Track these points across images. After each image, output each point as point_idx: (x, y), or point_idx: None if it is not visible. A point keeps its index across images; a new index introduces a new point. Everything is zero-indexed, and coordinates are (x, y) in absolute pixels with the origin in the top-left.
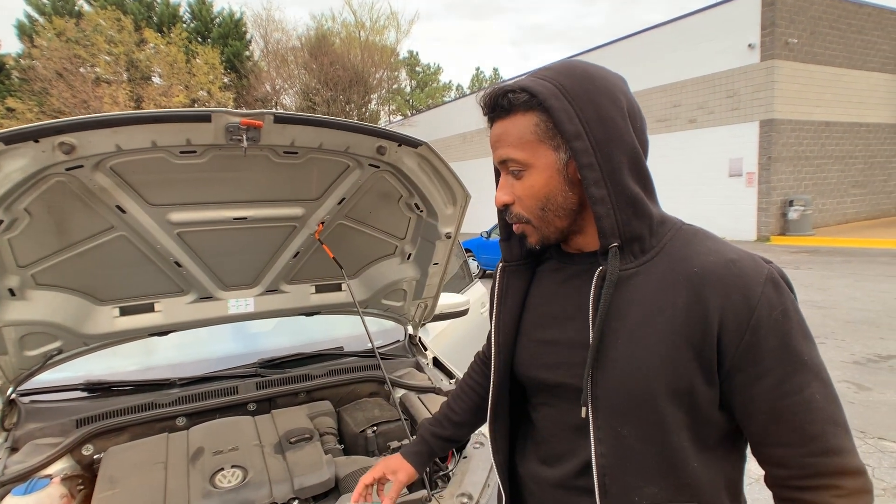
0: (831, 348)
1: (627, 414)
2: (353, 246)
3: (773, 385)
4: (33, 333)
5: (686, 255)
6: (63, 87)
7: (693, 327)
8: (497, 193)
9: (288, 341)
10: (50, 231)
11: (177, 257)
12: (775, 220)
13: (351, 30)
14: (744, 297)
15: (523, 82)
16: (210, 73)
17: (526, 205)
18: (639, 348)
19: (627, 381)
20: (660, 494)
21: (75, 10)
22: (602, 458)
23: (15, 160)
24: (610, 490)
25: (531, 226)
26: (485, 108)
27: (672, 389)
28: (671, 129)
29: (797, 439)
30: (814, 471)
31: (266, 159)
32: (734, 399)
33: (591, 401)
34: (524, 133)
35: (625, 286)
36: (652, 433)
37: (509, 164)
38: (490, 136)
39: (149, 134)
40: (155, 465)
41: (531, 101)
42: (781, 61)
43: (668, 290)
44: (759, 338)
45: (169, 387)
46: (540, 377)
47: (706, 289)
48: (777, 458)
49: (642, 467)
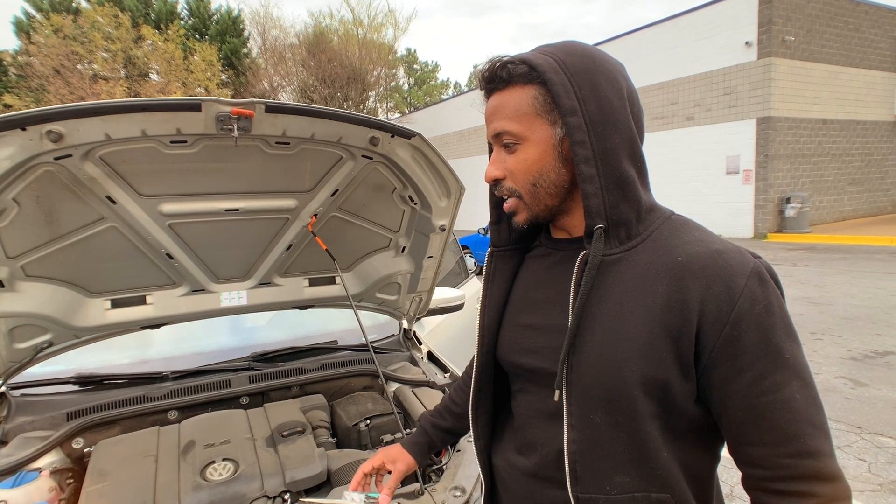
0: (828, 344)
1: (600, 400)
2: (347, 239)
3: (752, 381)
4: (23, 326)
5: (672, 244)
6: (60, 84)
7: (672, 316)
8: (488, 168)
9: (281, 335)
10: (39, 222)
11: (168, 249)
12: (772, 217)
13: (349, 27)
14: (726, 289)
15: (524, 55)
16: (208, 69)
17: (518, 179)
18: (615, 335)
19: (602, 367)
20: (630, 484)
21: (73, 7)
22: (573, 444)
23: (2, 149)
24: (581, 477)
25: (522, 202)
26: (482, 80)
27: (646, 379)
28: (668, 126)
29: (774, 439)
30: (790, 473)
31: (258, 150)
32: (712, 394)
33: (565, 386)
34: (521, 105)
35: (608, 272)
36: (623, 421)
37: (504, 137)
38: (486, 109)
39: (138, 123)
40: (145, 458)
41: (531, 73)
42: (778, 59)
43: (651, 278)
44: (739, 331)
45: (161, 380)
46: (519, 361)
47: (688, 278)
48: (754, 458)
49: (613, 455)
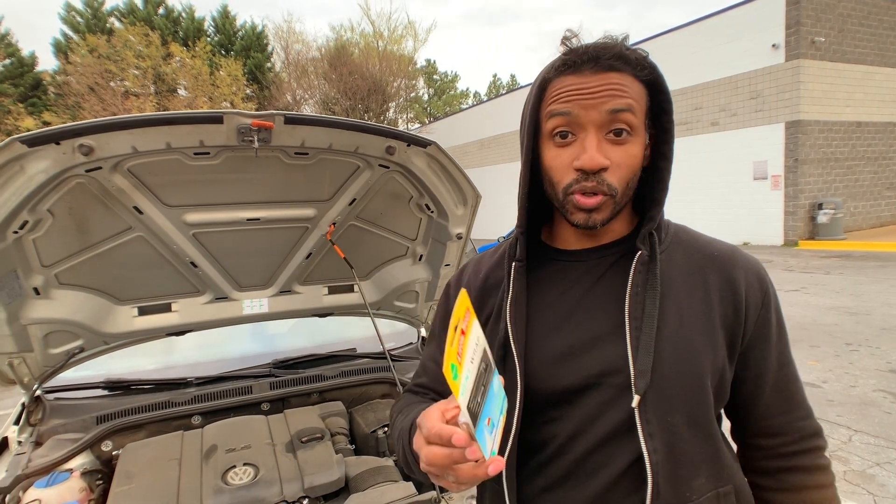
0: (865, 356)
1: (678, 399)
2: (365, 247)
3: (776, 357)
4: (57, 332)
5: (696, 242)
6: (94, 101)
7: (726, 305)
8: (592, 153)
9: (302, 342)
10: (71, 231)
11: (193, 258)
12: (804, 223)
13: (369, 40)
14: (757, 278)
15: (647, 54)
16: (233, 84)
17: (621, 175)
18: (685, 328)
19: (679, 362)
20: (705, 485)
21: (107, 28)
22: (654, 454)
23: (38, 162)
24: (662, 490)
25: (613, 199)
26: (604, 51)
27: (714, 369)
28: (693, 132)
29: (791, 406)
30: (803, 433)
31: (277, 160)
32: (746, 375)
33: (642, 392)
34: (641, 98)
35: (656, 271)
36: (700, 417)
37: (621, 120)
38: (591, 81)
39: (163, 136)
40: (170, 461)
41: (651, 73)
42: (808, 61)
43: (697, 271)
44: (769, 314)
45: (185, 386)
46: (560, 384)
47: (731, 269)
48: (775, 428)
49: (691, 458)
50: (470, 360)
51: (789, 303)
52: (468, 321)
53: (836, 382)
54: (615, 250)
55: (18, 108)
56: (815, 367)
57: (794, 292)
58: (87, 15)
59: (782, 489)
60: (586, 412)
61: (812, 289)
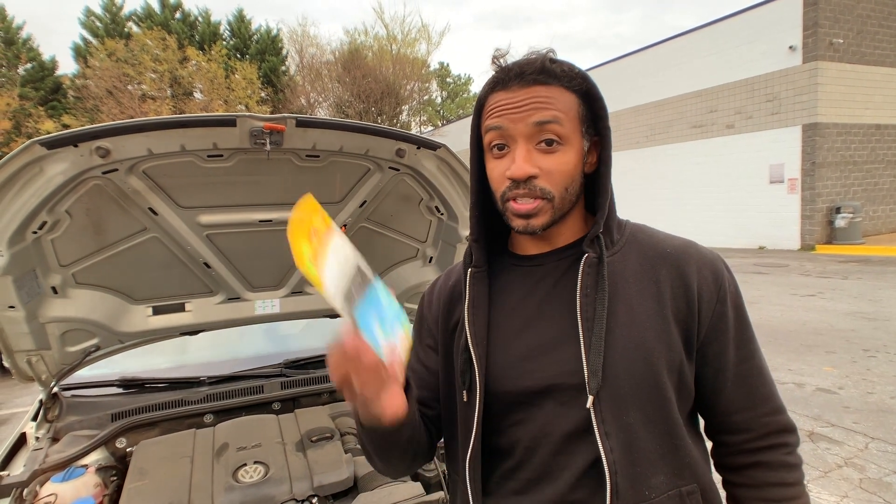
0: (883, 362)
1: (632, 397)
2: (376, 249)
3: (735, 352)
4: (74, 330)
5: (651, 241)
6: (112, 104)
7: (679, 301)
8: (519, 163)
9: (313, 343)
10: (88, 232)
11: (206, 258)
12: (821, 228)
13: (383, 43)
14: (712, 273)
15: (573, 65)
16: (248, 87)
17: (555, 181)
18: (636, 327)
19: (631, 360)
20: (665, 483)
21: (125, 32)
22: (612, 453)
23: (57, 164)
24: (621, 490)
25: (551, 204)
26: (528, 66)
27: (669, 365)
28: (707, 135)
29: (755, 401)
30: (768, 429)
31: (289, 163)
32: (706, 370)
33: (595, 391)
34: (571, 107)
35: (608, 272)
36: (656, 415)
37: (549, 132)
38: (517, 95)
39: (178, 138)
40: (182, 458)
41: (580, 82)
42: (826, 63)
43: (648, 270)
44: (725, 308)
45: (198, 385)
46: (522, 386)
47: (683, 266)
48: (738, 424)
49: (648, 456)
50: (333, 258)
51: (805, 308)
52: (323, 232)
53: (853, 389)
54: (570, 253)
55: (39, 112)
56: (830, 374)
57: (811, 297)
58: (106, 19)
59: (747, 485)
60: (547, 414)
61: (829, 294)
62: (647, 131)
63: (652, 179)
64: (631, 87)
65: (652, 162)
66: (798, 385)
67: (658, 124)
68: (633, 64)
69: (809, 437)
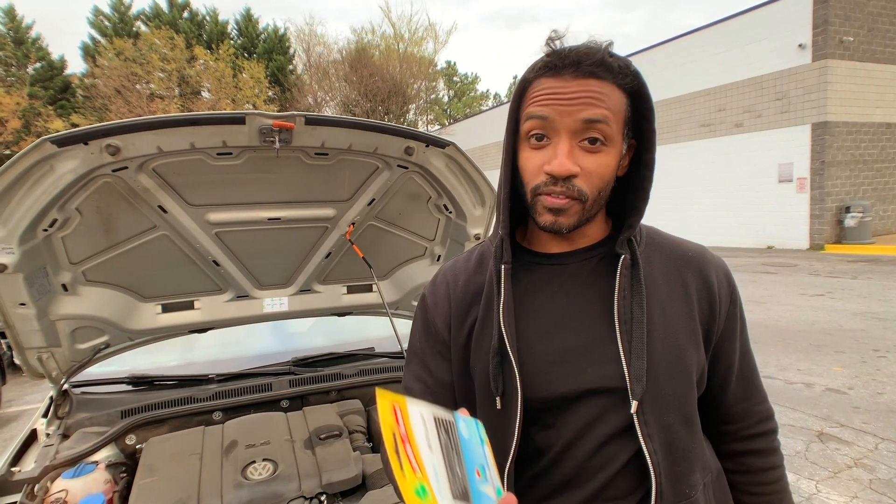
0: (893, 362)
1: (672, 398)
2: (384, 247)
3: (740, 348)
4: (84, 328)
5: (671, 244)
6: (121, 103)
7: (703, 302)
8: (561, 159)
9: (321, 341)
10: (98, 230)
11: (215, 256)
12: (830, 227)
13: (390, 42)
14: (725, 276)
15: (629, 62)
16: (255, 86)
17: (592, 182)
18: (671, 329)
19: (670, 362)
20: (699, 478)
21: (133, 31)
22: (655, 455)
23: (67, 162)
24: (664, 490)
25: (583, 206)
26: (587, 56)
27: (698, 366)
28: (716, 133)
29: (750, 392)
30: (759, 417)
31: (298, 161)
32: (718, 366)
33: (640, 396)
34: (620, 107)
35: (637, 273)
36: (689, 413)
37: (596, 129)
38: (570, 86)
39: (187, 136)
40: (191, 455)
41: (633, 81)
42: (835, 61)
43: (675, 272)
44: (735, 309)
45: (207, 382)
46: (557, 391)
47: (707, 269)
48: (736, 414)
49: (686, 454)
50: (429, 453)
51: (814, 308)
52: (402, 419)
53: (863, 389)
54: (594, 254)
55: (48, 111)
56: (840, 374)
57: (820, 297)
58: (115, 19)
59: (741, 471)
60: (583, 419)
61: (838, 294)
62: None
63: (659, 178)
64: None
65: (660, 161)
66: (807, 385)
67: (666, 123)
68: (641, 63)
69: (819, 437)
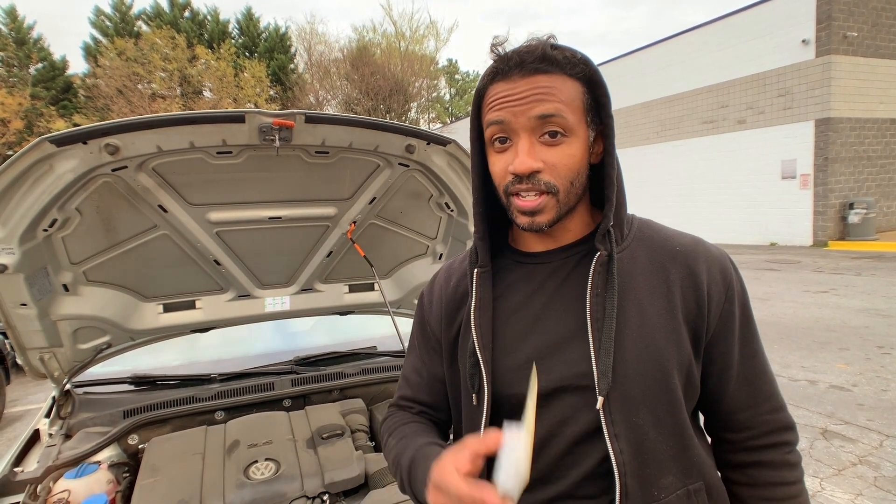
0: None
1: (642, 399)
2: (385, 246)
3: (740, 350)
4: (85, 328)
5: (660, 238)
6: (123, 103)
7: (689, 300)
8: (522, 157)
9: (323, 340)
10: (99, 230)
11: (216, 256)
12: (834, 224)
13: (391, 40)
14: (721, 271)
15: (575, 50)
16: (257, 85)
17: (560, 174)
18: (646, 328)
19: (642, 362)
20: (674, 483)
21: (134, 31)
22: (621, 454)
23: (66, 161)
24: (631, 490)
25: (555, 199)
26: (528, 54)
27: (679, 365)
28: (718, 130)
29: (757, 400)
30: (769, 427)
31: (298, 159)
32: (712, 368)
33: (605, 393)
34: (575, 97)
35: (616, 270)
36: (665, 416)
37: (553, 124)
38: (518, 87)
39: (187, 135)
40: (193, 455)
41: (584, 69)
42: (839, 56)
43: (659, 268)
44: (732, 307)
45: (209, 382)
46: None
47: (693, 264)
48: (741, 422)
49: (659, 456)
50: None
51: (818, 304)
52: None
53: (867, 386)
54: (577, 250)
55: (50, 111)
56: (844, 371)
57: (823, 294)
58: (116, 18)
59: (749, 484)
60: (556, 416)
61: (842, 290)
62: (657, 127)
63: (662, 176)
64: (640, 83)
65: (662, 158)
66: (811, 382)
67: (668, 120)
68: (643, 59)
69: (823, 434)
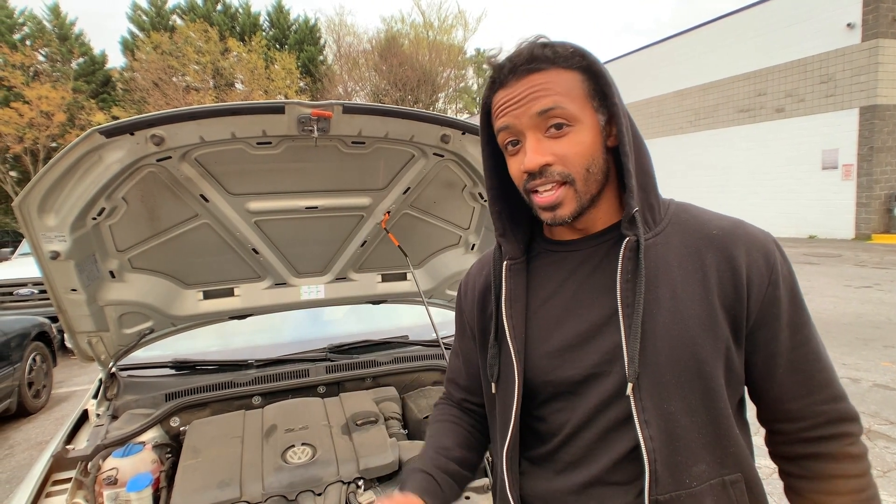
0: None
1: (675, 386)
2: (418, 236)
3: (789, 337)
4: (130, 313)
5: (697, 222)
6: (158, 96)
7: (725, 285)
8: (530, 155)
9: (356, 328)
10: (143, 218)
11: (254, 244)
12: (878, 216)
13: (419, 30)
14: (763, 255)
15: (566, 44)
16: (287, 77)
17: (573, 163)
18: (679, 314)
19: (673, 349)
20: (707, 472)
21: (169, 25)
22: (651, 441)
23: (114, 152)
24: (661, 477)
25: (573, 190)
26: (518, 58)
27: (716, 353)
28: (755, 119)
29: (811, 389)
30: (826, 418)
31: (335, 149)
32: (756, 356)
33: (634, 379)
34: (573, 86)
35: (648, 255)
36: (699, 404)
37: (554, 116)
38: (515, 90)
39: (228, 126)
40: (233, 438)
41: (577, 58)
42: (887, 40)
43: (693, 253)
44: (777, 292)
45: (246, 367)
46: (563, 377)
47: (731, 248)
48: (793, 412)
49: (691, 444)
50: None
51: (860, 300)
52: None
53: None
54: (608, 237)
55: (91, 104)
56: (889, 369)
57: (867, 289)
58: (152, 13)
59: (806, 476)
60: (591, 403)
61: (887, 285)
62: (692, 116)
63: (696, 166)
64: (674, 71)
65: (696, 148)
66: (853, 380)
67: (703, 109)
68: (677, 47)
69: (867, 435)
